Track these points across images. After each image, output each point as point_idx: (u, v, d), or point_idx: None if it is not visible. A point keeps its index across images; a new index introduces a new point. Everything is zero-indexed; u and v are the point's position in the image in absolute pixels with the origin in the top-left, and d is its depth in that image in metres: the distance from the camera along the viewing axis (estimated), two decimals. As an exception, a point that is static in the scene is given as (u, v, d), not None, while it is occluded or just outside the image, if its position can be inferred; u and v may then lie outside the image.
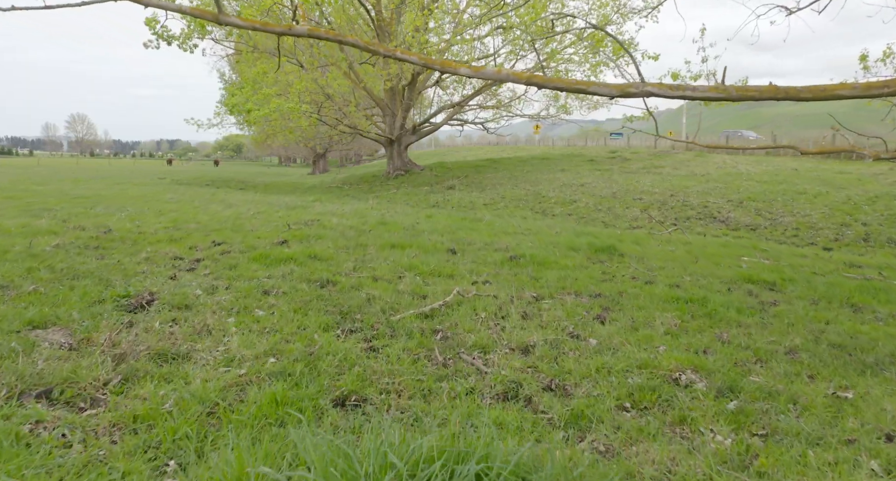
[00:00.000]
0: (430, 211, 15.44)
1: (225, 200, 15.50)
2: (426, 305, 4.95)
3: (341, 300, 5.02)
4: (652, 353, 3.96)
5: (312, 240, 8.30)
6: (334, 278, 5.84)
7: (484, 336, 4.21)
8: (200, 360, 3.54)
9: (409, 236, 9.05)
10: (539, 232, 11.18)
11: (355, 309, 4.77)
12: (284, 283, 5.52)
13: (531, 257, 7.35)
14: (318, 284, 5.57)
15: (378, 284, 5.67)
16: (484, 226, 11.35)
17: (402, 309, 4.83)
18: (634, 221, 17.77)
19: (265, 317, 4.46)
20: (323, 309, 4.73)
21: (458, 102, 29.22)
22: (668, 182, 22.80)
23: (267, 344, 3.80)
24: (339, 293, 5.27)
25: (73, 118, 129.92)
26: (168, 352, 3.61)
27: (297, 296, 5.09)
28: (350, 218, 11.58)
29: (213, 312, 4.51)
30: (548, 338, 4.20)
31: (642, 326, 4.71)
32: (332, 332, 4.16)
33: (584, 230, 12.32)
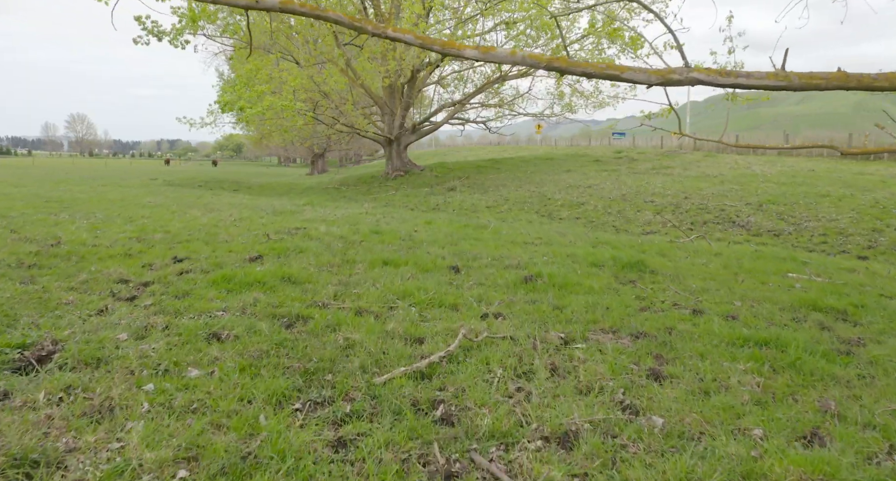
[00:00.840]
0: (429, 215, 14.18)
1: (209, 204, 14.23)
2: (422, 356, 3.68)
3: (310, 349, 3.74)
4: (750, 446, 2.69)
5: (292, 254, 7.04)
6: (307, 312, 4.57)
7: (503, 412, 2.93)
8: (74, 473, 2.28)
9: (406, 249, 7.78)
10: (551, 241, 9.90)
11: (326, 364, 3.49)
12: (241, 321, 4.24)
13: (549, 277, 6.08)
14: (285, 323, 4.30)
15: (362, 321, 4.41)
16: (489, 235, 10.08)
17: (391, 363, 3.55)
18: (647, 226, 16.51)
19: (199, 380, 3.18)
20: (282, 365, 3.45)
21: (459, 100, 27.92)
22: (679, 183, 21.52)
23: (184, 438, 2.52)
24: (309, 337, 4.00)
25: (73, 118, 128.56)
26: (29, 457, 2.34)
27: (252, 342, 3.81)
28: (340, 225, 10.32)
29: (130, 373, 3.24)
30: (593, 415, 2.93)
31: (715, 389, 3.43)
32: (287, 409, 2.89)
33: (599, 238, 11.05)
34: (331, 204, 16.34)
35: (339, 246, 7.83)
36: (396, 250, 7.62)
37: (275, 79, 23.68)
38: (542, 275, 6.17)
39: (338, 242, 8.17)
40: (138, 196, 16.24)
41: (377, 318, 4.52)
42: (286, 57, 25.07)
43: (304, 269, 6.12)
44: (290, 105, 22.54)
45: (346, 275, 5.99)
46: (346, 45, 25.23)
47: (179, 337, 3.92)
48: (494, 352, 3.80)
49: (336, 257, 6.91)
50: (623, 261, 7.28)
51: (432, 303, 5.00)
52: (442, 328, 4.28)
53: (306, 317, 4.47)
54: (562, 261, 7.42)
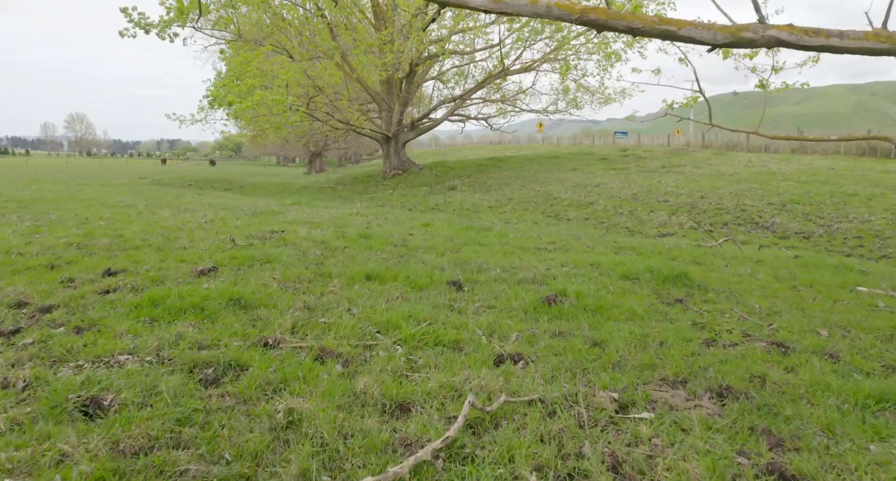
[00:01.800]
0: (428, 216, 12.79)
1: (185, 204, 12.82)
2: (406, 444, 2.28)
3: (228, 432, 2.34)
4: None
5: (256, 266, 5.65)
6: (245, 357, 3.17)
7: None
8: None
9: (397, 257, 6.39)
10: (567, 246, 8.50)
11: (244, 470, 2.09)
12: (142, 376, 2.84)
13: (577, 297, 4.68)
14: (207, 378, 2.89)
15: (321, 373, 3.00)
16: (495, 240, 8.68)
17: (353, 463, 2.15)
18: (663, 227, 15.12)
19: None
20: (168, 473, 2.05)
21: (459, 95, 26.49)
22: (693, 182, 20.11)
23: None
24: (235, 405, 2.59)
25: (72, 118, 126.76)
26: None
27: (140, 418, 2.41)
28: (325, 228, 8.92)
29: None
30: None
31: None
32: None
33: (619, 242, 9.64)
34: (321, 204, 14.93)
35: (317, 254, 6.43)
36: (385, 260, 6.22)
37: (266, 72, 22.27)
38: (566, 294, 4.77)
39: (316, 249, 6.77)
40: (112, 195, 14.85)
41: (345, 366, 3.12)
42: (279, 51, 23.66)
43: (264, 287, 4.72)
44: (281, 99, 21.11)
45: (315, 296, 4.58)
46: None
47: (38, 406, 2.52)
48: (519, 436, 2.39)
49: (309, 269, 5.50)
50: (662, 273, 5.87)
51: (426, 339, 3.59)
52: (438, 385, 2.88)
53: (242, 365, 3.06)
54: (586, 273, 6.01)
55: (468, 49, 26.29)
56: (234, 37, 25.41)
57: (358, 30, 24.43)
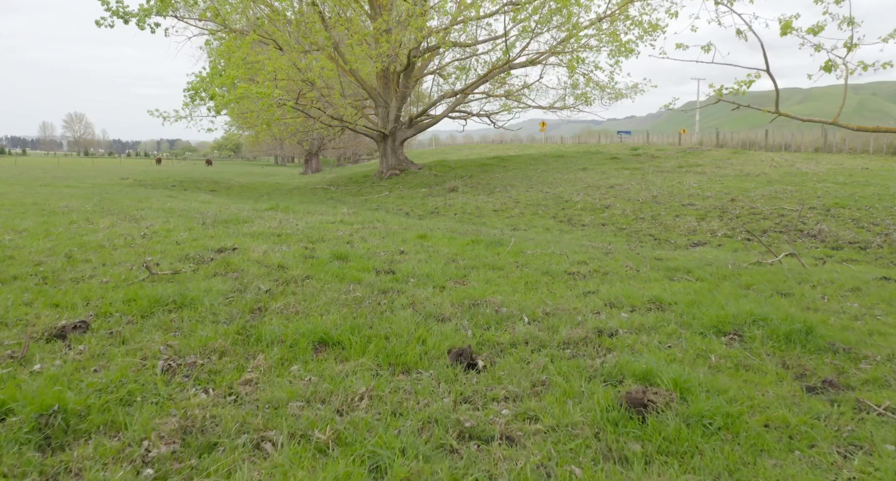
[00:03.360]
0: (426, 224, 10.74)
1: (139, 210, 10.74)
2: None
3: None
4: None
5: (156, 315, 3.61)
6: None
7: None
8: None
9: (376, 296, 4.33)
10: (605, 269, 6.44)
11: None
12: None
13: (679, 390, 2.63)
14: None
15: None
16: (510, 259, 6.63)
17: None
18: (692, 235, 13.08)
19: None
20: None
21: (461, 90, 24.39)
22: (718, 183, 18.06)
23: None
24: None
25: (71, 117, 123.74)
26: None
27: None
28: (293, 243, 6.88)
29: None
30: None
31: None
32: None
33: (664, 260, 7.59)
34: (305, 208, 12.87)
35: (261, 291, 4.38)
36: (358, 302, 4.16)
37: (251, 63, 20.19)
38: (655, 381, 2.72)
39: (265, 281, 4.73)
40: (65, 198, 12.79)
41: None
42: (266, 41, 21.59)
43: (124, 378, 2.66)
44: (267, 92, 19.04)
45: (214, 395, 2.53)
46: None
47: None
48: None
49: (233, 325, 3.45)
50: (774, 325, 3.82)
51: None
52: None
53: None
54: (656, 323, 3.96)
55: (470, 41, 24.22)
56: (219, 26, 23.36)
57: (353, 21, 22.37)
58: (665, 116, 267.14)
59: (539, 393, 2.69)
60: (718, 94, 8.97)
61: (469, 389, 2.71)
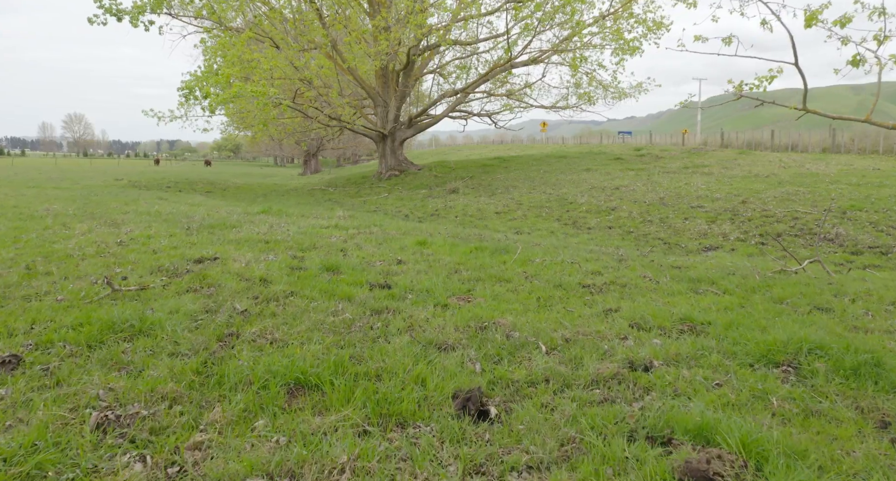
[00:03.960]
0: (426, 228, 10.14)
1: (122, 214, 10.14)
2: None
3: None
4: None
5: (106, 346, 3.02)
6: None
7: None
8: None
9: (367, 318, 3.71)
10: (622, 280, 5.85)
11: None
12: None
13: (751, 457, 2.08)
14: None
15: None
16: (518, 268, 6.04)
17: None
18: (704, 238, 12.51)
19: None
20: None
21: (462, 89, 23.78)
22: (727, 184, 17.47)
23: None
24: None
25: (70, 118, 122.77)
26: None
27: None
28: (281, 251, 6.29)
29: None
30: None
31: None
32: None
33: (682, 268, 7.00)
34: (298, 211, 12.27)
35: (237, 311, 3.80)
36: (346, 326, 3.57)
37: (247, 61, 19.60)
38: (717, 440, 2.13)
39: (242, 299, 4.14)
40: (48, 201, 12.18)
41: None
42: (261, 38, 21.01)
43: (27, 448, 2.08)
44: (262, 91, 18.45)
45: (137, 477, 1.94)
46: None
47: None
48: None
49: (196, 358, 2.86)
50: (835, 356, 3.23)
51: None
52: None
53: None
54: (692, 350, 3.37)
55: (471, 39, 23.63)
56: (215, 24, 22.78)
57: (351, 19, 21.78)
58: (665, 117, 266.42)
59: (569, 456, 2.10)
60: (738, 89, 8.38)
61: (481, 452, 2.11)
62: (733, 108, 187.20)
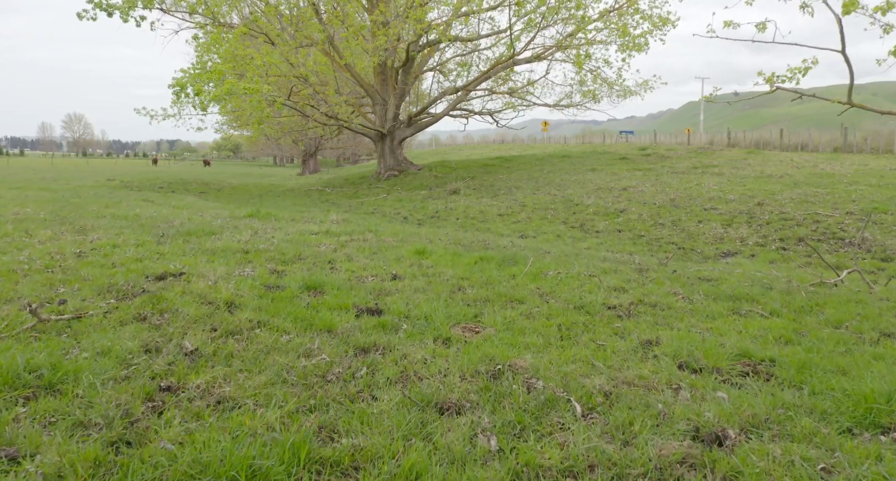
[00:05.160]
0: (425, 234, 9.31)
1: (106, 217, 9.32)
2: None
3: None
4: None
5: None
6: None
7: None
8: None
9: (349, 361, 2.84)
10: (649, 298, 5.02)
11: None
12: None
13: None
14: None
15: None
16: (530, 284, 5.22)
17: None
18: (720, 243, 11.70)
19: None
20: None
21: (463, 86, 22.94)
22: (740, 185, 16.64)
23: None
24: None
25: (70, 118, 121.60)
26: None
27: None
28: (260, 263, 5.48)
29: None
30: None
31: None
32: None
33: (714, 281, 6.17)
34: (289, 214, 11.44)
35: (182, 351, 2.98)
36: (319, 378, 2.75)
37: (240, 57, 18.77)
38: None
39: (198, 330, 3.33)
40: (22, 203, 11.36)
41: None
42: (255, 34, 20.18)
43: None
44: (255, 88, 17.62)
45: None
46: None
47: None
48: None
49: (91, 449, 2.06)
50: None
51: None
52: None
53: None
54: (772, 410, 2.57)
55: (472, 36, 22.81)
56: (208, 20, 21.92)
57: (349, 15, 20.95)
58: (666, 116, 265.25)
59: None
60: (770, 81, 7.55)
61: None
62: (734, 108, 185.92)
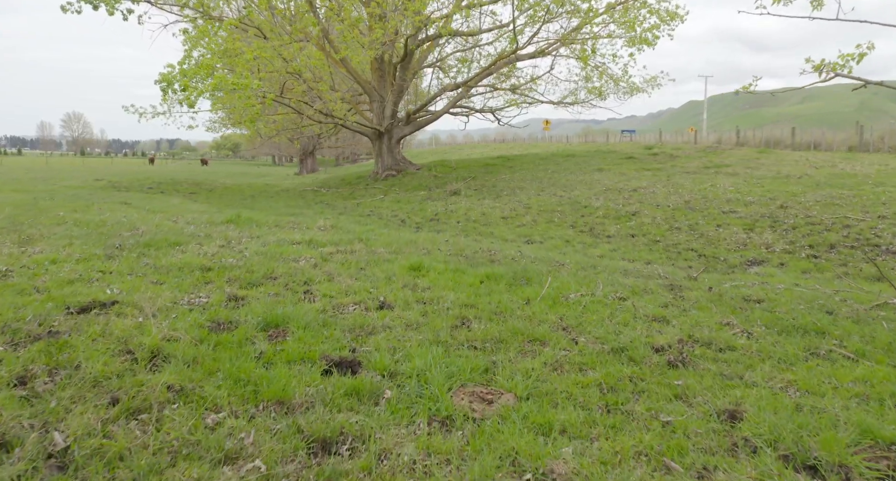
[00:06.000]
0: (422, 242, 8.23)
1: (66, 224, 8.24)
2: None
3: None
4: None
5: None
6: None
7: None
8: None
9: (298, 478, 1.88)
10: (710, 334, 3.95)
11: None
12: None
13: None
14: None
15: None
16: (549, 312, 4.16)
17: None
18: (744, 249, 10.66)
19: None
20: None
21: (464, 82, 21.84)
22: (757, 186, 15.57)
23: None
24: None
25: (69, 117, 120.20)
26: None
27: None
28: (219, 286, 4.42)
29: None
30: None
31: None
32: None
33: (755, 297, 5.11)
34: (273, 219, 10.37)
35: (48, 449, 1.97)
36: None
37: (229, 50, 17.68)
38: None
39: (92, 404, 2.28)
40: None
41: None
42: (246, 27, 19.09)
43: None
44: (244, 83, 16.54)
45: None
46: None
47: None
48: None
49: None
50: None
51: None
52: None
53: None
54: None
55: (473, 30, 21.71)
56: (198, 13, 20.81)
57: (344, 8, 19.87)
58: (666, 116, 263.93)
59: None
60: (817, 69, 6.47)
61: None
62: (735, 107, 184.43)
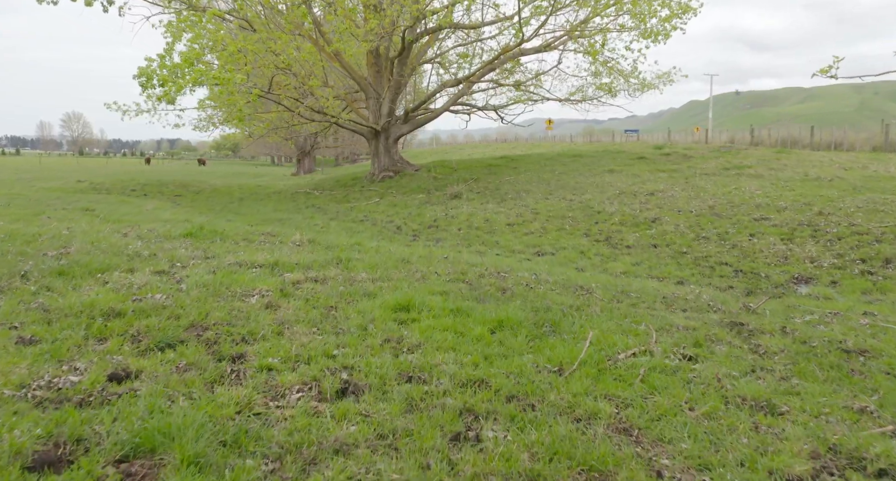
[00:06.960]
0: (415, 264, 6.76)
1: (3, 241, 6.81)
2: None
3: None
4: None
5: None
6: None
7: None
8: None
9: None
10: (858, 446, 2.53)
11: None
12: None
13: None
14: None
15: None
16: (604, 407, 2.71)
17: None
18: (785, 264, 9.22)
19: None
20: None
21: (466, 77, 20.36)
22: (787, 190, 14.08)
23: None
24: None
25: (69, 117, 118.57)
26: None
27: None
28: (115, 344, 2.96)
29: None
30: None
31: None
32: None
33: (860, 349, 3.64)
34: (244, 230, 8.89)
35: None
36: None
37: (214, 43, 16.21)
38: None
39: None
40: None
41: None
42: (230, 19, 17.63)
43: None
44: (228, 77, 15.09)
45: None
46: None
47: None
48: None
49: None
50: None
51: None
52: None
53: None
54: None
55: (475, 23, 20.23)
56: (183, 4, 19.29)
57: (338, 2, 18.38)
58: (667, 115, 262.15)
59: None
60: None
61: None
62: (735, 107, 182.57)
